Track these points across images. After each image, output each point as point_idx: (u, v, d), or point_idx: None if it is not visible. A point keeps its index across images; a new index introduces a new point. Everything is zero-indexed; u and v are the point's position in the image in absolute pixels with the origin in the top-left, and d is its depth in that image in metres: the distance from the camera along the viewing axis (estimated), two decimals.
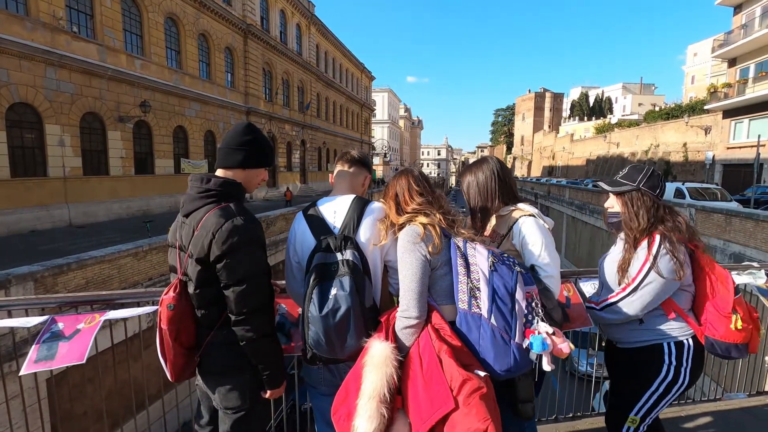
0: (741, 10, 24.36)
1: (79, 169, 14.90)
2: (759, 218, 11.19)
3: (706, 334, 1.80)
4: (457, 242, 1.59)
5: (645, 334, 1.85)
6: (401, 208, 1.69)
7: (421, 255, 1.53)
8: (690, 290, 1.84)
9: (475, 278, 1.49)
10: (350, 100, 48.49)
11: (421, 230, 1.57)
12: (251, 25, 25.53)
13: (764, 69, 22.34)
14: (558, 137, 68.08)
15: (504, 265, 1.49)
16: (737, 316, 1.74)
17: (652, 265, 1.75)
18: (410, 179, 1.75)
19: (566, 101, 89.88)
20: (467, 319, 1.47)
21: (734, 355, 1.79)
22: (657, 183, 1.87)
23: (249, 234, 1.58)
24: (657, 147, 35.61)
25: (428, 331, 1.47)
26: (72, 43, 14.51)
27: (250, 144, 1.74)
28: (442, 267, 1.57)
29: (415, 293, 1.50)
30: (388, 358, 1.39)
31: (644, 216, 1.83)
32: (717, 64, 39.33)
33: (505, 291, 1.45)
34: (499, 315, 1.43)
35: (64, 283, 6.82)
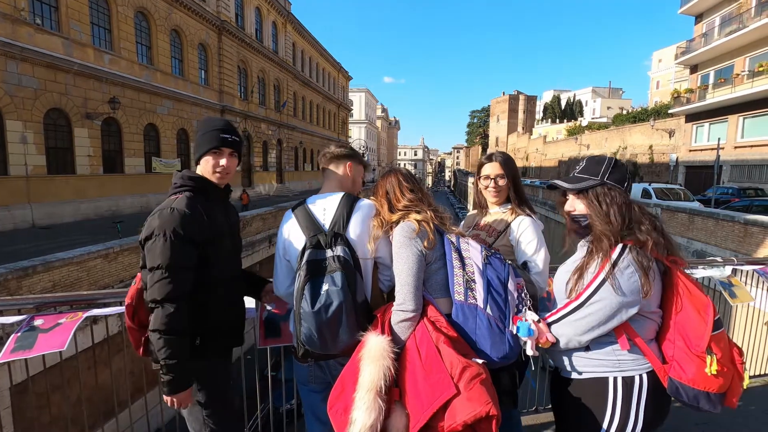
0: (702, 19, 25.59)
1: (42, 167, 14.23)
2: (719, 217, 11.80)
3: (670, 375, 1.41)
4: (450, 238, 1.64)
5: (589, 364, 1.49)
6: (393, 206, 1.72)
7: (416, 250, 1.56)
8: (655, 317, 1.46)
9: (470, 271, 1.54)
10: (327, 99, 48.20)
11: (416, 226, 1.60)
12: (226, 22, 25.03)
13: (723, 76, 23.53)
14: (531, 139, 69.73)
15: (496, 257, 1.58)
16: (713, 357, 1.33)
17: (607, 275, 1.39)
18: (399, 177, 1.78)
19: (539, 104, 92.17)
20: (463, 309, 1.50)
21: (704, 406, 1.39)
22: (624, 175, 1.54)
23: (175, 223, 1.57)
24: (625, 149, 36.98)
25: (424, 323, 1.49)
26: (35, 35, 13.85)
27: (198, 137, 1.78)
28: (436, 261, 1.60)
29: (411, 287, 1.53)
30: (384, 350, 1.41)
31: (617, 214, 1.46)
32: (680, 70, 41.21)
33: (499, 282, 1.52)
34: (494, 305, 1.49)
35: (29, 287, 6.51)
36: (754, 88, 20.29)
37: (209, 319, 1.69)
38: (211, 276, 1.68)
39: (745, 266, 3.12)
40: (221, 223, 1.77)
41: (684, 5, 25.91)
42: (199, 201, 1.69)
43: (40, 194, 14.06)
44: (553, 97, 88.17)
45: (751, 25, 20.14)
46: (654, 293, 1.41)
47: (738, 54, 22.24)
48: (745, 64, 21.93)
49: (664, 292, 1.45)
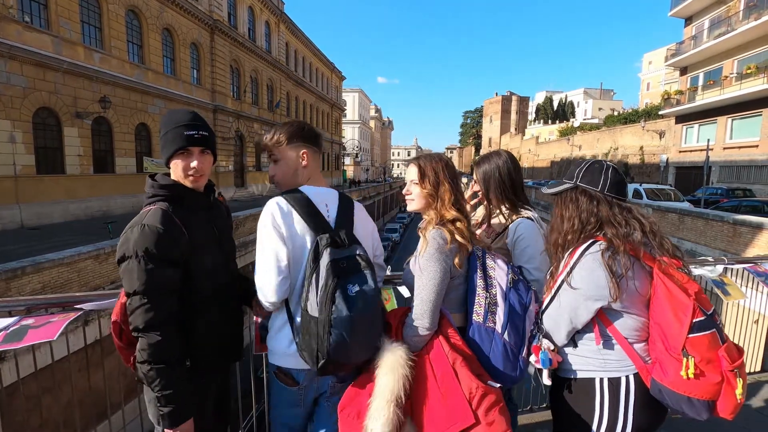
0: (691, 21, 25.94)
1: (31, 167, 14.02)
2: (709, 217, 11.97)
3: (652, 376, 1.39)
4: (477, 252, 1.54)
5: (579, 363, 1.51)
6: (457, 198, 1.58)
7: (445, 266, 1.47)
8: (640, 317, 1.45)
9: (493, 293, 1.47)
10: (320, 99, 48.09)
11: (449, 237, 1.48)
12: (218, 21, 24.86)
13: (712, 78, 23.88)
14: (524, 139, 70.21)
15: (520, 281, 1.51)
16: (690, 360, 1.29)
17: (568, 274, 1.46)
18: (452, 166, 1.64)
19: (532, 105, 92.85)
20: (480, 331, 1.45)
21: (686, 411, 1.34)
22: (597, 176, 1.52)
23: (148, 242, 1.39)
24: (616, 150, 37.36)
25: (439, 339, 1.44)
26: (23, 33, 13.65)
27: (161, 137, 1.56)
28: (459, 277, 1.53)
29: (431, 304, 1.46)
30: (403, 359, 1.36)
31: (573, 218, 1.51)
32: (670, 72, 41.74)
33: (521, 308, 1.47)
34: (513, 331, 1.44)
35: (18, 288, 6.41)
36: (743, 90, 20.62)
37: (196, 339, 1.52)
38: (195, 292, 1.51)
39: (735, 265, 3.17)
40: (204, 232, 1.58)
41: (674, 8, 26.26)
42: (176, 211, 1.50)
43: (29, 194, 13.86)
44: (545, 98, 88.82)
45: (740, 28, 20.46)
46: (634, 293, 1.41)
47: (727, 56, 22.58)
48: (734, 66, 22.26)
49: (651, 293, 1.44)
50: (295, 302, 1.49)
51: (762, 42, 20.26)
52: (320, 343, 1.33)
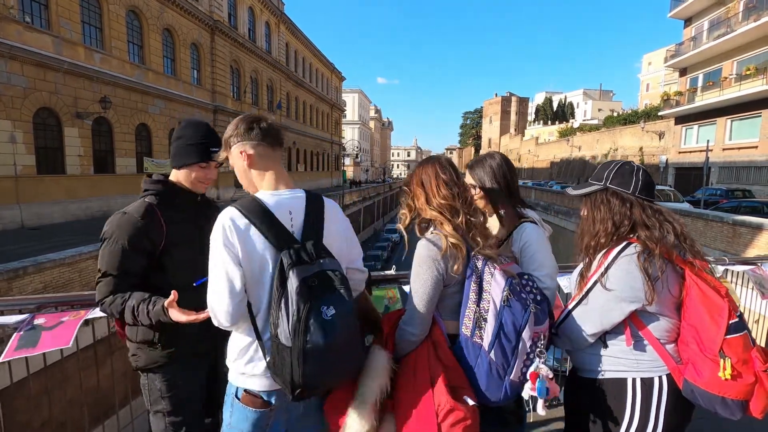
0: (691, 23, 26.01)
1: (32, 167, 14.03)
2: (708, 218, 12.00)
3: (685, 377, 1.39)
4: (477, 262, 1.44)
5: (608, 363, 1.49)
6: (429, 199, 1.52)
7: (438, 273, 1.41)
8: (670, 317, 1.45)
9: (485, 308, 1.40)
10: (320, 100, 48.12)
11: (444, 244, 1.41)
12: (218, 22, 24.89)
13: (712, 79, 23.94)
14: (524, 140, 70.29)
15: (519, 300, 1.37)
16: (726, 361, 1.29)
17: (601, 275, 1.45)
18: (437, 167, 1.55)
19: (531, 105, 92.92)
20: (467, 345, 1.42)
21: (720, 411, 1.34)
22: (629, 178, 1.51)
23: (122, 229, 1.59)
24: (616, 150, 37.42)
25: (428, 346, 1.44)
26: (24, 33, 13.66)
27: (177, 140, 1.74)
28: (455, 285, 1.46)
29: (422, 312, 1.43)
30: (386, 369, 1.39)
31: (606, 220, 1.50)
32: (670, 73, 41.82)
33: (513, 328, 1.36)
34: (500, 351, 1.37)
35: (20, 288, 6.43)
36: (742, 91, 20.67)
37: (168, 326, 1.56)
38: (168, 283, 1.57)
39: (735, 266, 3.19)
40: (186, 228, 1.72)
41: (673, 9, 26.32)
42: (160, 206, 1.66)
43: (29, 195, 13.86)
44: (545, 98, 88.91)
45: (739, 29, 20.51)
46: (666, 296, 1.41)
47: (726, 57, 22.63)
48: (733, 67, 22.32)
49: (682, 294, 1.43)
50: (263, 321, 1.32)
51: (761, 43, 20.31)
52: (294, 373, 1.20)
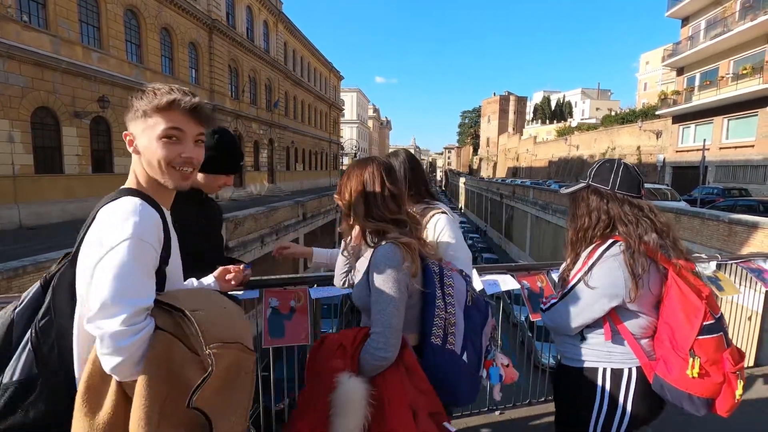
0: (688, 22, 26.10)
1: (30, 167, 14.01)
2: (705, 216, 12.08)
3: (655, 372, 1.46)
4: (433, 267, 1.38)
5: (584, 353, 1.58)
6: (371, 210, 1.39)
7: (403, 284, 1.31)
8: (647, 315, 1.51)
9: (452, 312, 1.35)
10: (319, 99, 48.10)
11: (403, 252, 1.31)
12: (216, 21, 24.86)
13: (709, 78, 24.03)
14: (522, 139, 70.34)
15: (477, 299, 1.41)
16: (696, 360, 1.35)
17: (586, 272, 1.50)
18: (383, 173, 1.42)
19: (529, 104, 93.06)
20: (442, 354, 1.33)
21: (686, 407, 1.42)
22: (608, 175, 1.57)
23: None
24: (613, 149, 37.51)
25: (398, 371, 1.29)
26: (22, 33, 13.63)
27: (210, 149, 1.68)
28: (415, 294, 1.37)
29: (394, 330, 1.30)
30: (364, 400, 1.21)
31: (584, 216, 1.59)
32: (667, 72, 41.92)
33: (479, 327, 1.39)
34: (471, 350, 1.37)
35: (20, 287, 6.44)
36: (739, 90, 20.77)
37: None
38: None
39: (728, 261, 3.25)
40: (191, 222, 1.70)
41: (671, 8, 26.41)
42: None
43: (27, 194, 13.85)
44: (543, 98, 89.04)
45: (736, 29, 20.60)
46: (646, 294, 1.46)
47: (723, 57, 22.72)
48: (730, 66, 22.42)
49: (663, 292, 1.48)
50: None
51: (758, 42, 20.41)
52: None
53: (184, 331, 0.99)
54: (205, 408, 0.92)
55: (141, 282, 0.99)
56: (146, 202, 1.08)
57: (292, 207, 20.17)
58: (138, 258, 0.98)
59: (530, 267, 2.81)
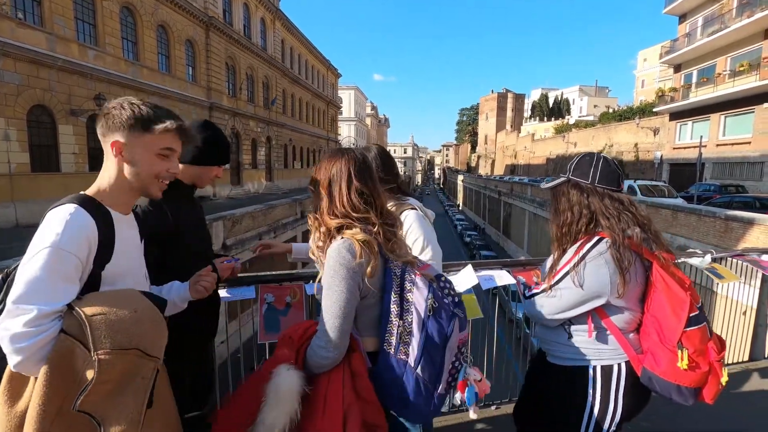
0: (685, 19, 26.10)
1: (26, 165, 13.95)
2: (701, 213, 12.12)
3: (644, 365, 1.46)
4: (395, 269, 1.28)
5: (571, 352, 1.56)
6: (334, 206, 1.34)
7: (353, 283, 1.24)
8: (633, 309, 1.51)
9: (408, 321, 1.24)
10: (316, 97, 47.99)
11: (358, 249, 1.24)
12: (213, 18, 24.75)
13: (706, 75, 24.05)
14: (520, 137, 70.35)
15: (443, 308, 1.25)
16: (684, 352, 1.37)
17: (572, 269, 1.48)
18: (351, 167, 1.35)
19: (527, 102, 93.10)
20: (391, 363, 1.26)
21: (675, 398, 1.42)
22: (587, 169, 1.55)
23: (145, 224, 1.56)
24: (611, 147, 37.57)
25: (343, 371, 1.25)
26: (17, 30, 13.55)
27: (202, 141, 1.75)
28: (372, 296, 1.29)
29: (338, 330, 1.24)
30: (295, 393, 1.18)
31: (566, 211, 1.57)
32: (664, 69, 41.94)
33: (439, 339, 1.23)
34: (428, 365, 1.23)
35: None
36: (735, 87, 20.79)
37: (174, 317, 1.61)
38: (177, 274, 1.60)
39: (722, 254, 3.27)
40: (189, 220, 1.77)
41: (668, 5, 26.40)
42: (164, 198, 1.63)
43: (23, 193, 13.79)
44: (541, 95, 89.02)
45: (733, 26, 20.61)
46: (633, 287, 1.46)
47: (720, 54, 22.75)
48: (727, 63, 22.45)
49: (647, 286, 1.49)
50: None
51: (754, 39, 20.43)
52: None
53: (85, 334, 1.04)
54: (92, 411, 0.97)
55: (51, 288, 1.04)
56: (90, 209, 1.15)
57: (290, 205, 20.14)
58: (52, 266, 1.04)
59: (525, 262, 2.81)
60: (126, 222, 1.29)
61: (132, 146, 1.22)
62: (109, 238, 1.18)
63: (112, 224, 1.20)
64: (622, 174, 1.60)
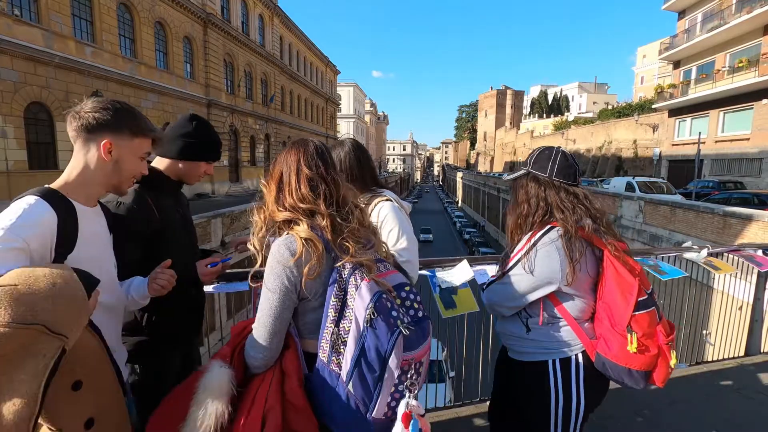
0: (685, 15, 26.03)
1: (24, 162, 13.93)
2: (699, 209, 12.13)
3: (597, 351, 1.48)
4: (342, 270, 1.16)
5: (530, 346, 1.58)
6: (282, 197, 1.26)
7: (288, 284, 1.16)
8: (585, 297, 1.53)
9: (345, 329, 1.13)
10: (315, 94, 47.89)
11: (299, 248, 1.16)
12: (211, 14, 24.66)
13: (705, 71, 24.02)
14: (519, 134, 70.32)
15: (385, 320, 1.09)
16: (633, 336, 1.41)
17: (523, 256, 1.51)
18: (301, 156, 1.29)
19: (526, 99, 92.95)
20: (323, 373, 1.16)
21: (627, 382, 1.45)
22: (546, 163, 1.59)
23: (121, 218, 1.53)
24: (610, 143, 37.58)
25: (273, 372, 1.19)
26: (13, 27, 13.50)
27: (189, 136, 1.73)
28: (316, 297, 1.19)
29: (268, 331, 1.18)
30: (224, 392, 1.13)
31: (523, 203, 1.60)
32: (664, 65, 41.93)
33: (376, 356, 1.08)
34: (359, 383, 1.10)
35: None
36: (734, 83, 20.77)
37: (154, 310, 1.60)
38: None
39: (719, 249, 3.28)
40: (173, 216, 1.74)
41: (667, 1, 26.32)
42: (149, 194, 1.65)
43: (21, 190, 13.16)
44: (540, 92, 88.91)
45: (732, 22, 20.57)
46: (584, 276, 1.49)
47: (719, 50, 22.71)
48: (726, 59, 22.42)
49: (599, 274, 1.52)
50: None
51: (754, 35, 20.40)
52: None
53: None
54: None
55: None
56: (51, 200, 1.21)
57: None
58: None
59: None
60: (91, 214, 1.33)
61: (120, 148, 1.32)
62: (72, 229, 1.22)
63: (75, 216, 1.25)
64: (578, 168, 1.63)
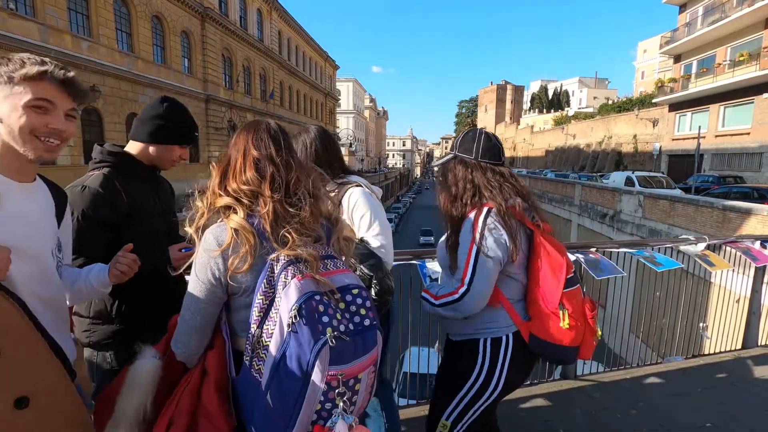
0: (685, 8, 25.87)
1: None
2: (699, 204, 12.11)
3: (531, 331, 1.51)
4: (275, 264, 1.04)
5: (466, 327, 1.59)
6: (226, 181, 1.15)
7: (212, 277, 1.07)
8: (519, 277, 1.55)
9: (268, 331, 1.00)
10: (314, 89, 47.71)
11: (228, 238, 1.06)
12: (209, 8, 24.49)
13: (705, 65, 23.91)
14: (519, 129, 70.21)
15: (310, 327, 0.95)
16: (565, 312, 1.45)
17: (479, 245, 1.47)
18: (251, 138, 1.18)
19: (527, 94, 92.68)
20: (247, 377, 1.05)
21: (560, 358, 1.54)
22: (471, 145, 1.60)
23: (84, 204, 1.49)
24: (610, 138, 37.49)
25: (195, 372, 1.13)
26: (8, 20, 13.40)
27: (160, 118, 1.68)
28: (248, 294, 1.08)
29: (188, 326, 1.12)
30: (149, 381, 1.10)
31: (452, 186, 1.61)
32: (665, 60, 41.71)
33: (297, 365, 0.94)
34: (278, 394, 0.97)
35: None
36: (735, 77, 20.68)
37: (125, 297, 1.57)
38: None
39: (715, 241, 3.24)
40: (147, 200, 1.68)
41: None
42: (118, 178, 1.61)
43: None
44: (540, 87, 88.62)
45: (733, 15, 20.45)
46: (521, 255, 1.52)
47: (720, 44, 22.59)
48: (727, 53, 22.30)
49: (530, 254, 1.55)
50: None
51: (755, 29, 20.28)
52: None
53: None
54: None
55: None
56: None
57: None
58: None
59: None
60: (22, 190, 1.16)
61: (0, 101, 1.06)
62: None
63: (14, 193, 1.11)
64: (501, 148, 1.66)
